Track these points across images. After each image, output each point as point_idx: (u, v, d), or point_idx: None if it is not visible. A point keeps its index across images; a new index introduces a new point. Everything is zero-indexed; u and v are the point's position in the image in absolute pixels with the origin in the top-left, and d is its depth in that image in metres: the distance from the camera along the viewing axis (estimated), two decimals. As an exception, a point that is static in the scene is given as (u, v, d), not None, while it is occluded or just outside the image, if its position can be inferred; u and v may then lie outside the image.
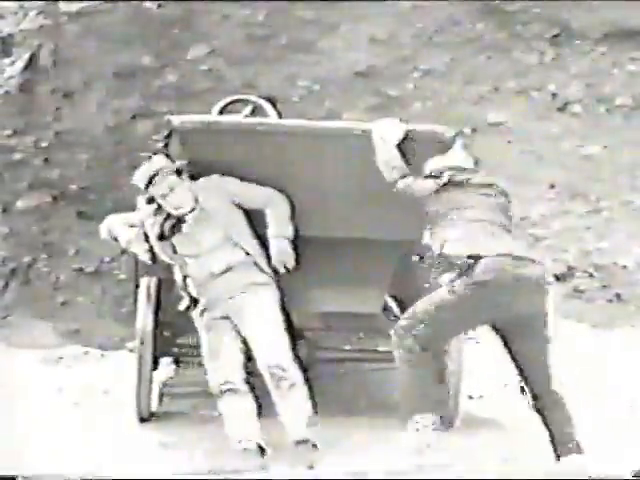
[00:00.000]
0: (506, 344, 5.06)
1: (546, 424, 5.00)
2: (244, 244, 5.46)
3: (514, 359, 5.06)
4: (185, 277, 5.52)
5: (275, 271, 5.46)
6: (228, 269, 5.41)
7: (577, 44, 9.56)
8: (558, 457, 4.95)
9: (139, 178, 5.46)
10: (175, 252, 5.48)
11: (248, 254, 5.45)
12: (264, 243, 5.53)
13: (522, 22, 9.71)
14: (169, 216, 5.48)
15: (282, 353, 5.28)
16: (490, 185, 5.27)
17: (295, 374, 5.30)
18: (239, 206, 5.50)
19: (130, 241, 5.54)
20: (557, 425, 4.97)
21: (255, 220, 5.58)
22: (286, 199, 5.55)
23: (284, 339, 5.33)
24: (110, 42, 9.58)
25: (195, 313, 5.51)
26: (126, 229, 5.57)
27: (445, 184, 5.21)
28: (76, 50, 9.57)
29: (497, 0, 9.77)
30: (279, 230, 5.48)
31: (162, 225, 5.50)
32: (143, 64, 9.52)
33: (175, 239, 5.46)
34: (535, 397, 5.04)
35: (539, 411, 5.04)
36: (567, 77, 9.37)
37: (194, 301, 5.50)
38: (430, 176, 5.28)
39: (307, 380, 5.74)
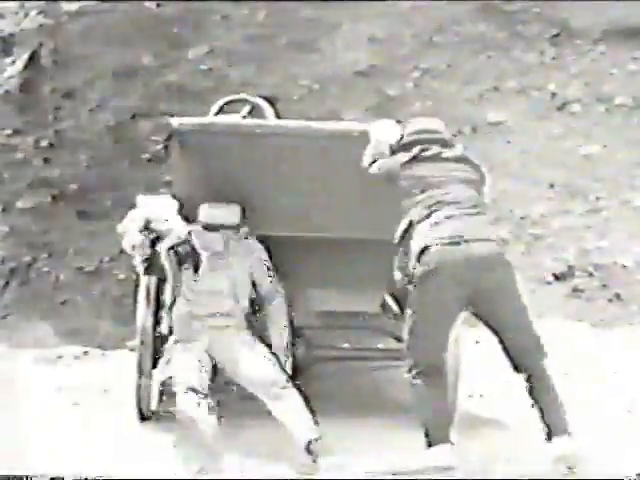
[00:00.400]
0: (486, 323, 5.10)
1: (536, 401, 5.03)
2: (242, 301, 5.54)
3: (500, 338, 5.08)
4: (174, 300, 5.52)
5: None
6: (219, 315, 5.47)
7: (577, 43, 9.56)
8: (549, 437, 4.98)
9: (208, 215, 5.52)
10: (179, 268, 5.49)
11: (242, 310, 5.55)
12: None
13: (522, 22, 9.71)
14: (188, 242, 5.50)
15: (276, 371, 5.36)
16: (463, 159, 5.26)
17: (289, 381, 5.37)
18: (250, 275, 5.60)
19: (134, 246, 5.53)
20: (546, 403, 5.02)
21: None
22: (286, 307, 5.65)
23: (272, 359, 5.43)
24: (110, 42, 9.58)
25: (169, 341, 5.55)
26: (136, 233, 5.56)
27: (415, 157, 5.20)
28: (76, 50, 9.56)
29: (497, 0, 9.77)
30: (281, 342, 5.60)
31: (178, 244, 5.50)
32: (143, 64, 9.52)
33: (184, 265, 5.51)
34: (525, 370, 5.07)
35: (529, 388, 5.07)
36: (567, 76, 9.37)
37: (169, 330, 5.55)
38: (401, 148, 5.29)
39: (306, 379, 5.77)
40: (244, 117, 6.50)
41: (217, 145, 5.59)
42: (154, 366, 5.85)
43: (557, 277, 7.96)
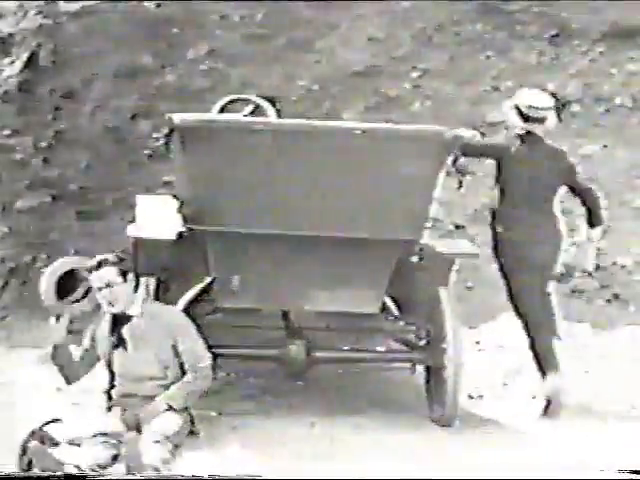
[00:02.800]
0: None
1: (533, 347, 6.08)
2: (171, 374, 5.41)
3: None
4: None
5: None
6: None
7: (576, 44, 9.56)
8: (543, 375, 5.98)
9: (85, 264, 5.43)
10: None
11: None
12: None
13: (521, 22, 9.71)
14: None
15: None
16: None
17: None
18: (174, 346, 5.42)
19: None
20: (541, 348, 6.04)
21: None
22: (210, 377, 5.47)
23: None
24: (109, 42, 9.57)
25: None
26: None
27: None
28: (75, 50, 9.56)
29: (497, 0, 9.78)
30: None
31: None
32: (142, 64, 9.52)
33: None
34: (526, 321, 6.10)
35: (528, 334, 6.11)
36: (566, 77, 9.37)
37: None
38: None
39: (306, 380, 5.77)
40: (245, 117, 6.51)
41: (218, 142, 5.59)
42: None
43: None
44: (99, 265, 5.32)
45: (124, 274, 5.36)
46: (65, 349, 5.41)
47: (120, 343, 5.37)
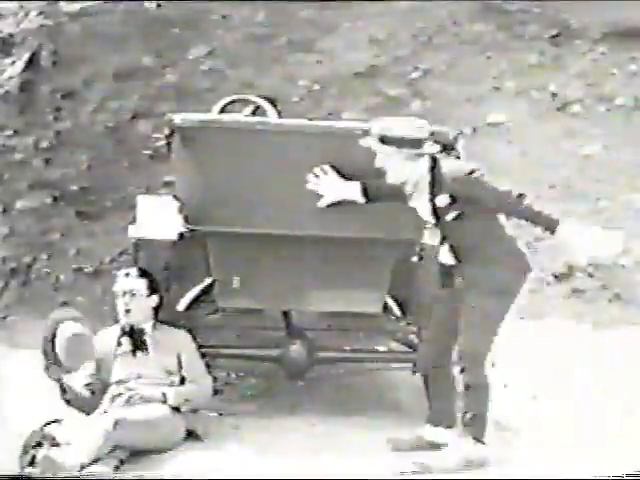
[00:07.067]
0: None
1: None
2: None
3: None
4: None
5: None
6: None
7: (577, 44, 9.57)
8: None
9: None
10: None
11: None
12: None
13: (522, 22, 9.71)
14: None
15: None
16: None
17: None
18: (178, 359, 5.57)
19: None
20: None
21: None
22: (209, 396, 5.63)
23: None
24: (110, 42, 9.58)
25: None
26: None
27: None
28: (76, 50, 9.56)
29: (497, 0, 9.78)
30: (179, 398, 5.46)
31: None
32: (143, 64, 9.52)
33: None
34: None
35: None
36: (567, 77, 9.37)
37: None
38: None
39: (306, 380, 5.75)
40: (246, 117, 6.52)
41: (219, 142, 5.59)
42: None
43: (557, 277, 7.96)
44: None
45: (152, 290, 5.58)
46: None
47: (137, 349, 5.52)
